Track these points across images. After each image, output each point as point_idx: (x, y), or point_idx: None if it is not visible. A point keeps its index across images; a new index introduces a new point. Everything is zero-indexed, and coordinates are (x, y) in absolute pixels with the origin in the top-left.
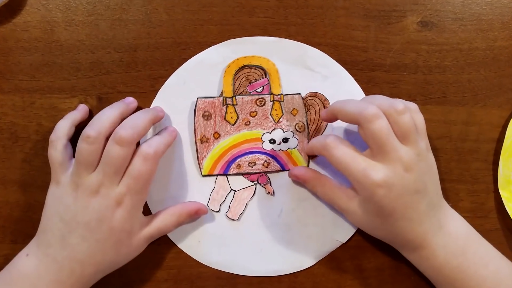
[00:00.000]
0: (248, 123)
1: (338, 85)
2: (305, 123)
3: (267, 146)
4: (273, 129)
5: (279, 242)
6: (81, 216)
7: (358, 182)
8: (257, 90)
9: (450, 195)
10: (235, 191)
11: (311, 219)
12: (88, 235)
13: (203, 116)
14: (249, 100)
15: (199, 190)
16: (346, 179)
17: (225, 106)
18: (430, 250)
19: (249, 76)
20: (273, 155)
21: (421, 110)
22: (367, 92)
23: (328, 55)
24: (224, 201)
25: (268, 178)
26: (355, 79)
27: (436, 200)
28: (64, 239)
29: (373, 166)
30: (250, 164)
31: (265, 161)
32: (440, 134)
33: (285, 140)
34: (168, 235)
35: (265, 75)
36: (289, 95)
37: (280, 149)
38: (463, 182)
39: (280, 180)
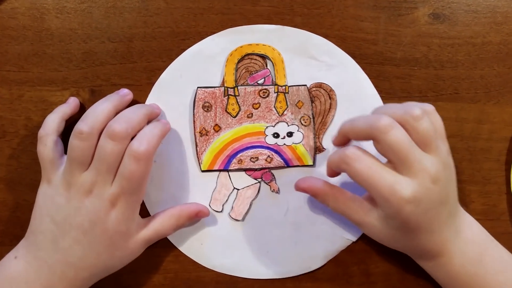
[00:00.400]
0: (250, 115)
1: (344, 74)
2: (311, 116)
3: (271, 140)
4: (277, 122)
5: (286, 242)
6: (73, 217)
7: (384, 199)
8: (258, 82)
9: (461, 196)
10: (238, 189)
11: (319, 217)
12: (81, 238)
13: (203, 107)
14: (252, 91)
15: (200, 189)
16: (358, 187)
17: (226, 97)
18: (447, 258)
19: (249, 67)
20: (276, 150)
21: None
22: (376, 87)
23: None
24: (227, 200)
25: (273, 175)
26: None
27: (455, 207)
28: (56, 241)
29: (400, 181)
30: (252, 159)
31: (268, 156)
32: (452, 132)
33: (290, 134)
34: (169, 237)
35: (266, 66)
36: (294, 87)
37: (284, 144)
38: (475, 183)
39: (286, 177)
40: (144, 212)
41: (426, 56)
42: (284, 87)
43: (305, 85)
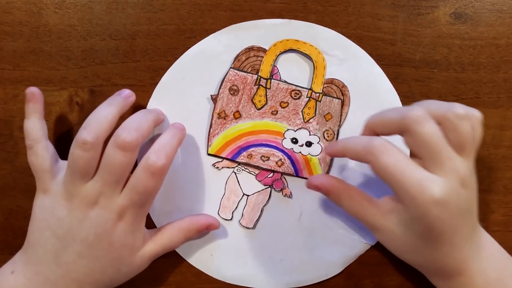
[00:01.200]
0: (275, 112)
1: (357, 68)
2: (336, 133)
3: (287, 144)
4: (299, 128)
5: (301, 249)
6: (77, 230)
7: (411, 197)
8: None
9: (480, 206)
10: (248, 195)
11: (335, 221)
12: (86, 252)
13: (230, 89)
14: (284, 88)
15: (207, 196)
16: (375, 190)
17: (256, 86)
18: (468, 278)
19: (255, 65)
20: (290, 156)
21: None
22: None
23: None
24: (236, 207)
25: (284, 183)
26: None
27: (476, 222)
28: (58, 255)
29: (430, 178)
30: (263, 158)
31: (280, 159)
32: None
33: (309, 144)
34: (176, 249)
35: (274, 62)
36: (328, 97)
37: (300, 152)
38: (495, 192)
39: (298, 181)
40: (148, 221)
41: (446, 58)
42: (318, 95)
43: (340, 99)
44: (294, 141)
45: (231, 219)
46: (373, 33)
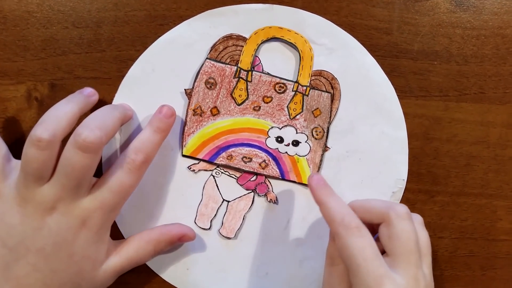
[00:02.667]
0: (257, 108)
1: (348, 58)
2: (325, 130)
3: (272, 143)
4: (285, 126)
5: (289, 261)
6: (32, 239)
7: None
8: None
9: (486, 213)
10: (228, 201)
11: (326, 229)
12: (41, 264)
13: (206, 82)
14: (267, 81)
15: (182, 202)
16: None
17: (236, 79)
18: None
19: (234, 55)
20: (275, 157)
21: (454, 109)
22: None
23: None
24: (215, 215)
25: (268, 187)
26: None
27: None
28: (8, 268)
29: (392, 278)
30: (244, 159)
31: (264, 161)
32: (476, 138)
33: (296, 143)
34: (147, 262)
35: (255, 52)
36: (316, 91)
37: (286, 152)
38: (503, 197)
39: (284, 184)
40: (115, 233)
41: (447, 49)
42: (305, 88)
43: (330, 92)
44: (279, 140)
45: (209, 229)
46: (366, 21)
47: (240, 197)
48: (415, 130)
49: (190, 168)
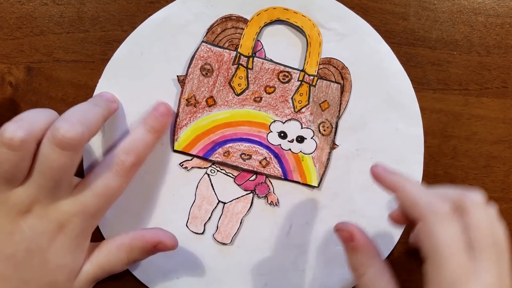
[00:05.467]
0: (258, 99)
1: (360, 45)
2: (334, 126)
3: (274, 139)
4: (289, 119)
5: (290, 270)
6: (1, 245)
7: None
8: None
9: (507, 219)
10: (224, 203)
11: (332, 235)
12: (10, 272)
13: (202, 68)
14: (270, 69)
15: (173, 204)
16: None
17: (235, 66)
18: None
19: (233, 39)
20: (277, 154)
21: (474, 104)
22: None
23: None
24: (209, 218)
25: (269, 188)
26: None
27: None
28: None
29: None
30: (243, 156)
31: (265, 158)
32: (497, 137)
33: (300, 139)
34: (131, 270)
35: (256, 36)
36: (325, 81)
37: (290, 149)
38: None
39: (286, 184)
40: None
41: (468, 38)
42: (312, 78)
43: (340, 83)
44: (282, 135)
45: (202, 233)
46: (381, 5)
47: (237, 198)
48: (432, 126)
49: (182, 165)
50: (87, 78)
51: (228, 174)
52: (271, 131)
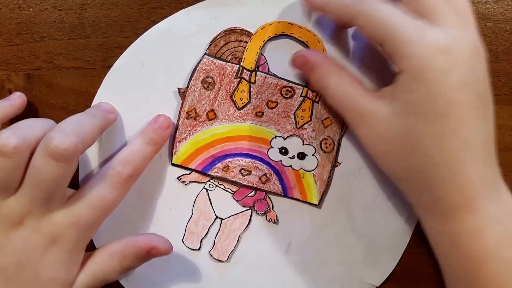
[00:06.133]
0: (260, 114)
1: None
2: (336, 143)
3: (275, 155)
4: (291, 135)
5: None
6: None
7: (408, 44)
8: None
9: None
10: (222, 219)
11: (332, 254)
12: (1, 286)
13: (204, 81)
14: (273, 84)
15: (168, 218)
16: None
17: (237, 80)
18: (477, 220)
19: (236, 52)
20: (278, 170)
21: None
22: None
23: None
24: (206, 234)
25: (268, 205)
26: None
27: (492, 138)
28: None
29: (430, 27)
30: (243, 172)
31: (265, 174)
32: (506, 145)
33: (301, 156)
34: (122, 283)
35: (260, 50)
36: None
37: (290, 166)
38: None
39: (286, 201)
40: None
41: None
42: (315, 94)
43: None
44: (284, 151)
45: (199, 249)
46: None
47: (235, 214)
48: None
49: (180, 179)
50: (88, 85)
51: (227, 189)
52: (272, 147)
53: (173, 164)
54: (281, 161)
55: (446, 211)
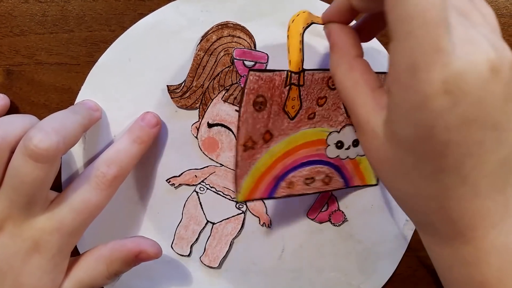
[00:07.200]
0: (312, 116)
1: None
2: None
3: (332, 152)
4: (343, 126)
5: None
6: None
7: (406, 73)
8: (246, 63)
9: None
10: (213, 223)
11: (327, 260)
12: None
13: (255, 103)
14: (319, 79)
15: (157, 223)
16: None
17: (287, 88)
18: (478, 248)
19: (229, 49)
20: (337, 166)
21: None
22: None
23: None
24: (197, 239)
25: (344, 214)
26: None
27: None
28: None
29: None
30: (306, 181)
31: (327, 175)
32: None
33: (356, 143)
34: None
35: (254, 47)
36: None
37: (348, 157)
38: None
39: (279, 205)
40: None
41: None
42: None
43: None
44: (339, 145)
45: (189, 255)
46: None
47: (227, 218)
48: None
49: (169, 181)
50: (72, 82)
51: (219, 192)
52: (329, 145)
53: (240, 201)
54: (338, 155)
55: (445, 233)
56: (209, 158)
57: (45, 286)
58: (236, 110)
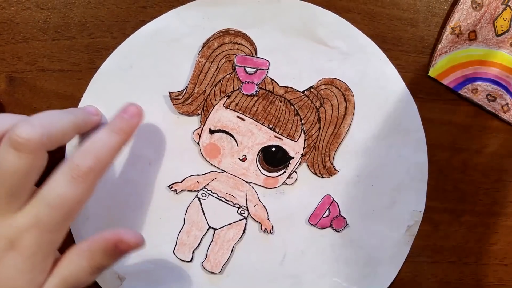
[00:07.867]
0: None
1: (364, 65)
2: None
3: None
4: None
5: None
6: None
7: None
8: (247, 70)
9: None
10: (215, 229)
11: (329, 266)
12: None
13: (473, 1)
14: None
15: (158, 228)
16: None
17: (503, 7)
18: None
19: (231, 55)
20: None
21: (485, 115)
22: (413, 86)
23: (358, 27)
24: (198, 245)
25: (346, 220)
26: (397, 66)
27: None
28: None
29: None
30: (488, 97)
31: (507, 104)
32: (510, 149)
33: None
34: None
35: (256, 54)
36: None
37: None
38: None
39: (282, 210)
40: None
41: None
42: None
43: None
44: None
45: (190, 261)
46: (388, 10)
47: (229, 224)
48: (441, 139)
49: (171, 187)
50: (74, 88)
51: (221, 198)
52: None
53: (428, 76)
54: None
55: None
56: (211, 164)
57: (23, 285)
58: (237, 117)
